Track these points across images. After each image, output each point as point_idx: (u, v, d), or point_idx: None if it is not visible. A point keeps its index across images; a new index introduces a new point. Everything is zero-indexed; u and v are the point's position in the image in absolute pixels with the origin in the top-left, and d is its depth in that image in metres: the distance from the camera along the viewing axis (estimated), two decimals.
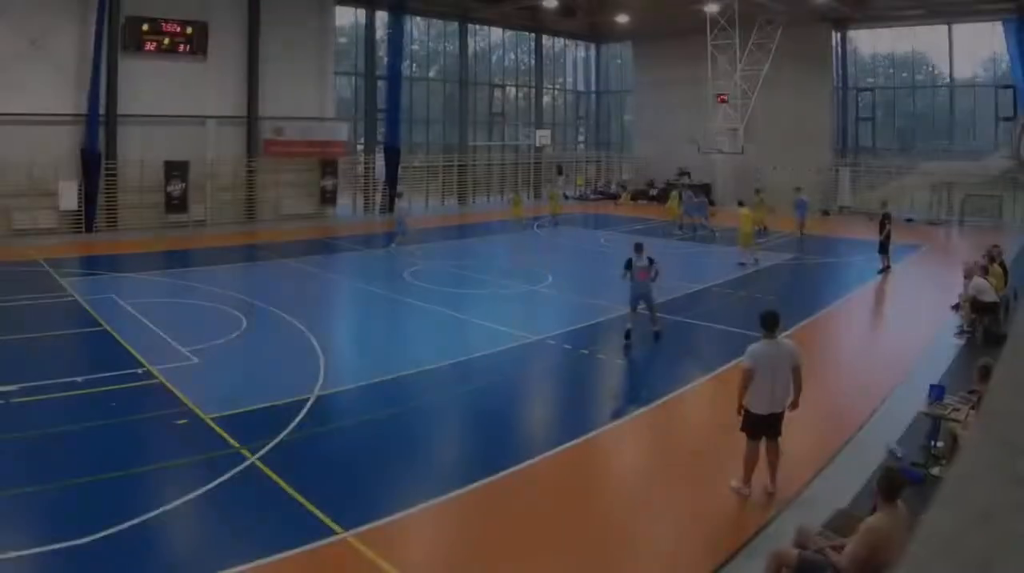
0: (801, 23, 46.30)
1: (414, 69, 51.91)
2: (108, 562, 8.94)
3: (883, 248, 29.14)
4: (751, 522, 10.13)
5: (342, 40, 48.87)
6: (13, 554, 8.92)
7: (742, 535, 9.88)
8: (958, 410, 11.94)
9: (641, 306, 18.58)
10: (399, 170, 48.57)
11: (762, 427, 10.94)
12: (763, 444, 11.02)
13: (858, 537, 7.63)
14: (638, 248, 18.70)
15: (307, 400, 14.26)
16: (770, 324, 11.06)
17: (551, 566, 9.36)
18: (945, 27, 46.73)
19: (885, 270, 29.09)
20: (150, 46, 38.92)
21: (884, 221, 28.92)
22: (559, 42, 61.54)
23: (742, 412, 11.03)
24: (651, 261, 18.51)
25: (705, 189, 51.02)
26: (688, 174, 53.99)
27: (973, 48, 46.86)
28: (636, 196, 56.56)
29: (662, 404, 14.78)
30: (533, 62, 59.02)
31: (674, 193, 43.53)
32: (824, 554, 7.89)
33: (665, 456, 12.87)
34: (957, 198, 45.63)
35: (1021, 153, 43.01)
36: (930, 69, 50.00)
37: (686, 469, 12.16)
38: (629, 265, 18.36)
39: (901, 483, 7.98)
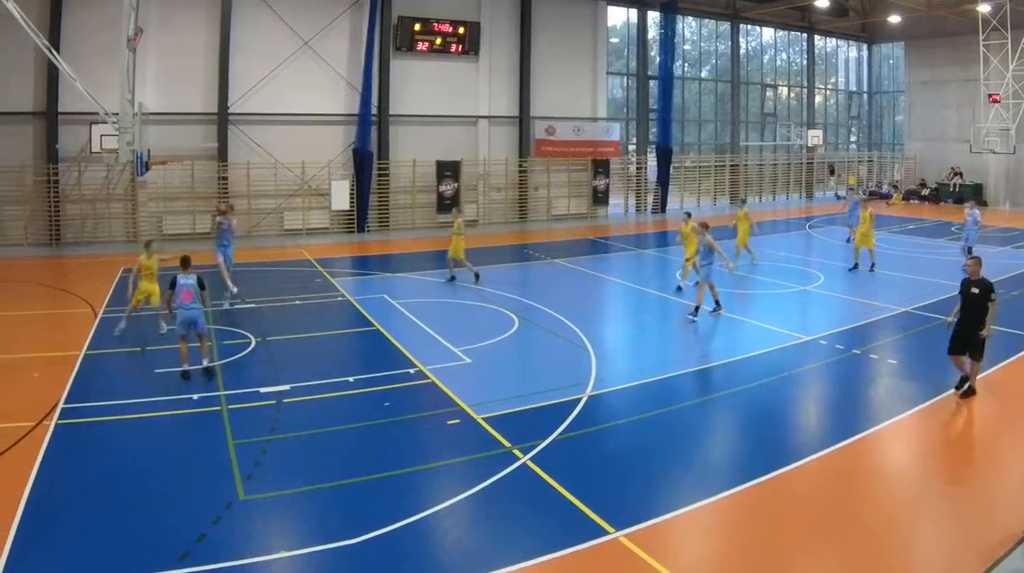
0: None
1: (686, 69, 43.54)
2: (380, 562, 7.68)
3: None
4: (1019, 525, 8.19)
5: (614, 40, 40.82)
6: (285, 554, 7.85)
7: (1011, 537, 8.15)
8: None
9: (192, 337, 13.36)
10: (671, 170, 40.49)
11: None
12: None
13: None
14: (184, 262, 13.55)
15: (579, 400, 12.35)
16: None
17: (822, 568, 7.99)
18: None
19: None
20: (422, 46, 32.43)
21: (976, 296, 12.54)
22: (831, 42, 51.03)
23: None
24: (201, 282, 13.29)
25: (977, 189, 43.96)
26: (960, 174, 45.83)
27: None
28: (908, 196, 47.13)
29: (932, 405, 12.36)
30: (805, 62, 48.92)
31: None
32: None
33: (935, 458, 10.71)
34: None
35: None
36: None
37: (956, 471, 10.32)
38: (173, 284, 13.26)
39: None
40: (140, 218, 27.76)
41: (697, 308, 17.27)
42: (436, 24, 32.60)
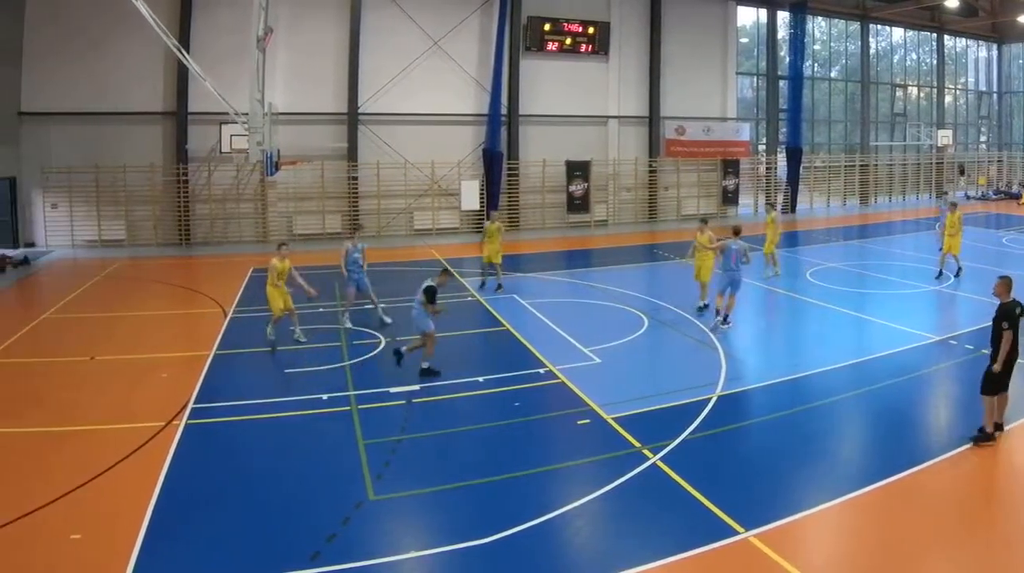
0: None
1: (815, 69, 38.00)
2: (510, 562, 6.89)
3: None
4: None
5: (743, 40, 35.65)
6: (415, 554, 7.05)
7: None
8: None
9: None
10: (801, 170, 35.11)
11: None
12: None
13: None
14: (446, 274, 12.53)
15: (709, 400, 10.75)
16: None
17: (953, 570, 6.86)
18: None
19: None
20: (552, 46, 28.40)
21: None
22: (960, 42, 44.34)
23: None
24: (431, 290, 11.88)
25: None
26: None
27: None
28: None
29: None
30: (934, 62, 42.51)
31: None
32: None
33: None
34: None
35: None
36: None
37: None
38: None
39: None
40: (270, 218, 24.62)
41: (723, 315, 14.60)
42: (566, 24, 28.59)
